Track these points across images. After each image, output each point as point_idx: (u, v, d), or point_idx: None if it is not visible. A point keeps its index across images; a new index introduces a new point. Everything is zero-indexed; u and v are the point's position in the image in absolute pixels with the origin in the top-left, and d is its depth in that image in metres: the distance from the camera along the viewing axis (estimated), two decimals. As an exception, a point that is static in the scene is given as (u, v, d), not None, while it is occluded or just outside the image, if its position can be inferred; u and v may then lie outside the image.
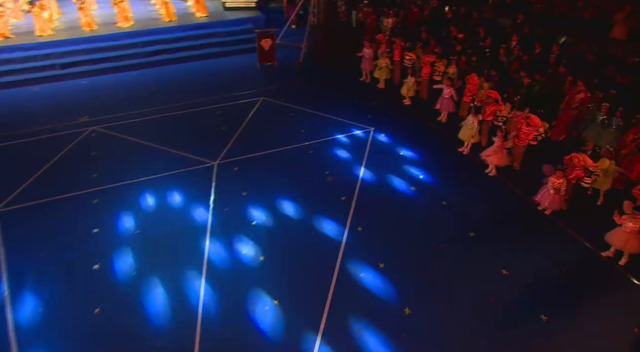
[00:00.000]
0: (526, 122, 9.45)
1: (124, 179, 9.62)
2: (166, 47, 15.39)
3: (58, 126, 11.73)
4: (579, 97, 10.22)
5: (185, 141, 11.00)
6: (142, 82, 14.20)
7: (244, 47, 16.09)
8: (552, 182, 8.34)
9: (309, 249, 7.88)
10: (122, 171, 9.88)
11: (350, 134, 11.41)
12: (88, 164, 10.20)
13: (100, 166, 10.09)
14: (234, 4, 17.38)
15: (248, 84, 14.04)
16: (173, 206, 8.92)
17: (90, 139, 11.21)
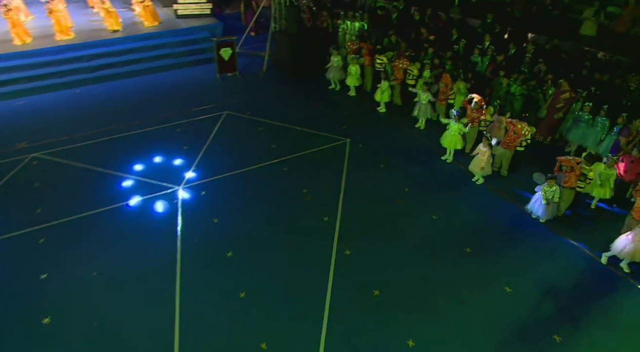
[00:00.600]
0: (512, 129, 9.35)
1: (73, 213, 8.73)
2: (113, 61, 14.48)
3: (-9, 155, 10.65)
4: (563, 97, 10.25)
5: (143, 164, 10.21)
6: (88, 100, 13.25)
7: (200, 58, 15.42)
8: (544, 192, 8.20)
9: (294, 280, 7.33)
10: (71, 203, 8.99)
11: (326, 146, 10.98)
12: (30, 197, 9.22)
13: (45, 199, 9.15)
14: (187, 11, 16.68)
15: (208, 97, 13.38)
16: (135, 240, 8.13)
17: (32, 168, 10.21)
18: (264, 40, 16.62)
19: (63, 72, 13.88)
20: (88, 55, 14.30)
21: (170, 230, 8.35)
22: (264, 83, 14.38)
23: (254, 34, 17.20)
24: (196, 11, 16.74)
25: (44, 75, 13.68)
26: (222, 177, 9.86)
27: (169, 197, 9.22)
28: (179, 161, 10.35)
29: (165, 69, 14.87)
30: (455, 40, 13.78)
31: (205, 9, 16.78)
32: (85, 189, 9.43)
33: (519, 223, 8.64)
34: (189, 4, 16.56)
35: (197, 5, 16.62)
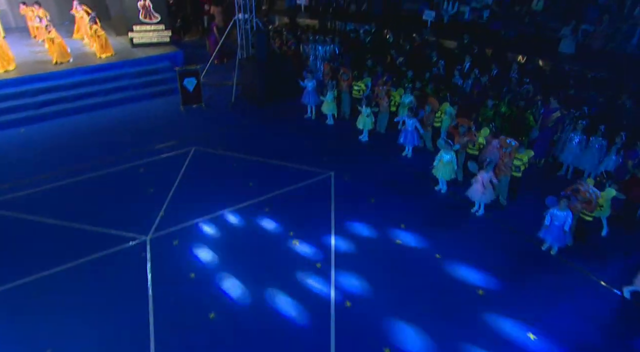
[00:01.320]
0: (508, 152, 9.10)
1: (20, 276, 7.68)
2: (62, 95, 13.51)
3: None
4: (554, 115, 10.15)
5: (104, 212, 9.27)
6: (34, 140, 12.19)
7: (161, 89, 14.69)
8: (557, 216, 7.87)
9: (290, 345, 6.56)
10: (17, 265, 7.93)
11: (308, 182, 10.39)
12: (-34, 260, 8.09)
13: (-15, 261, 8.05)
14: (144, 40, 15.97)
15: (173, 132, 12.60)
16: (97, 306, 7.17)
17: (-32, 224, 9.06)
18: (230, 68, 16.14)
19: (4, 109, 12.78)
20: (32, 89, 13.27)
21: (139, 290, 7.44)
22: (234, 114, 13.75)
23: (217, 62, 16.64)
24: (154, 39, 16.07)
25: (-19, 114, 12.56)
26: (195, 222, 9.05)
27: (136, 250, 8.31)
28: (144, 206, 9.47)
29: (122, 102, 14.02)
30: (433, 62, 13.69)
31: (164, 36, 16.14)
32: (33, 246, 8.39)
33: (529, 256, 8.24)
34: (146, 31, 15.88)
35: (155, 33, 15.97)
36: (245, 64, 14.32)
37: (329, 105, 12.82)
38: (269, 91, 13.92)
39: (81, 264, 7.98)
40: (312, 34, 15.88)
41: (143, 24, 15.71)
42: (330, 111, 12.91)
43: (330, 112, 12.93)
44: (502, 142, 9.39)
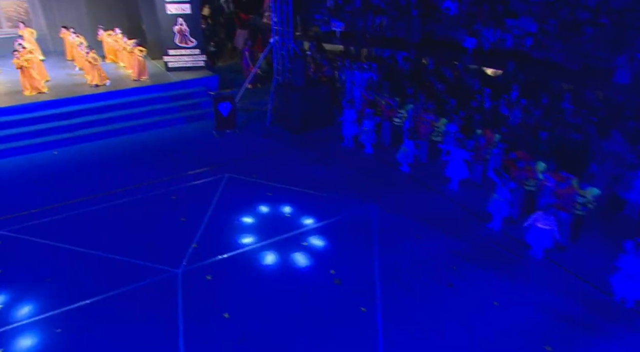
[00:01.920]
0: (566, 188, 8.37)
1: (44, 310, 7.21)
2: (96, 118, 13.34)
3: (-54, 233, 9.14)
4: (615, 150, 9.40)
5: (133, 242, 8.82)
6: (66, 163, 11.97)
7: (195, 114, 14.43)
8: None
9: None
10: (41, 296, 7.50)
11: (348, 214, 9.77)
12: (-9, 289, 7.69)
13: (8, 290, 7.62)
14: (179, 64, 15.85)
15: (207, 157, 12.22)
16: (125, 340, 6.62)
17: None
18: (264, 93, 15.86)
19: (38, 131, 12.65)
20: (67, 112, 13.14)
21: (169, 327, 6.88)
22: (268, 140, 13.33)
23: (250, 87, 16.38)
24: (189, 63, 15.94)
25: (16, 135, 12.41)
26: (230, 256, 8.50)
27: (167, 284, 7.78)
28: (176, 236, 8.99)
29: (156, 126, 13.79)
30: (477, 91, 13.10)
31: (199, 61, 15.99)
32: (59, 276, 7.96)
33: (600, 309, 7.38)
34: (181, 56, 15.77)
35: (190, 57, 15.84)
36: (280, 90, 13.98)
37: (368, 133, 12.29)
38: (305, 118, 13.49)
39: (109, 297, 7.49)
40: (349, 60, 15.50)
41: (178, 48, 15.62)
42: (370, 140, 12.37)
43: (369, 141, 12.39)
44: (557, 177, 8.68)
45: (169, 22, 15.23)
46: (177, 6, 15.07)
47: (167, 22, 15.24)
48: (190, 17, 15.33)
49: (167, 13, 15.06)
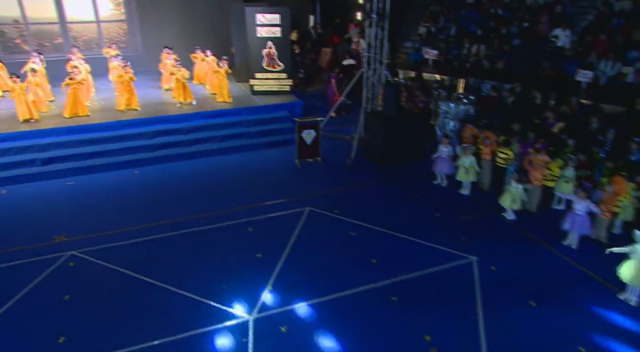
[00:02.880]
0: None
1: (106, 347, 6.54)
2: (179, 139, 13.16)
3: (24, 249, 8.97)
4: None
5: (203, 277, 8.09)
6: (145, 183, 11.71)
7: (277, 139, 13.86)
8: None
9: None
10: (105, 329, 6.88)
11: (443, 267, 8.45)
12: (55, 316, 7.22)
13: (73, 321, 7.10)
14: (265, 88, 15.49)
15: (287, 187, 11.46)
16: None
17: (66, 272, 8.34)
18: (348, 121, 15.05)
19: (122, 149, 12.61)
20: (151, 131, 13.05)
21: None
22: (353, 173, 12.35)
23: (335, 115, 15.62)
24: (274, 87, 15.54)
25: (100, 152, 12.44)
26: (308, 304, 7.47)
27: (236, 331, 6.89)
28: (250, 276, 8.14)
29: (237, 150, 13.35)
30: (598, 130, 11.34)
31: (285, 85, 15.55)
32: (124, 310, 7.34)
33: None
34: (267, 79, 15.40)
35: (276, 81, 15.45)
36: (369, 119, 13.04)
37: (465, 172, 10.94)
38: (394, 150, 12.41)
39: (168, 343, 6.68)
40: (445, 90, 14.31)
41: (266, 71, 15.29)
42: (467, 180, 11.00)
43: (467, 181, 11.02)
44: None
45: (258, 45, 14.98)
46: (268, 29, 14.78)
47: (257, 45, 14.99)
48: (280, 41, 14.98)
49: (257, 36, 14.82)
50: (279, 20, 14.72)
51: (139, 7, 18.19)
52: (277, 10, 14.75)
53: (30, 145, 12.13)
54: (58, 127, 12.60)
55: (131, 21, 18.48)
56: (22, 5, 16.95)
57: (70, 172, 11.96)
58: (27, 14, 17.13)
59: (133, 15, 18.34)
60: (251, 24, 14.68)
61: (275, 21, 14.73)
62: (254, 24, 14.68)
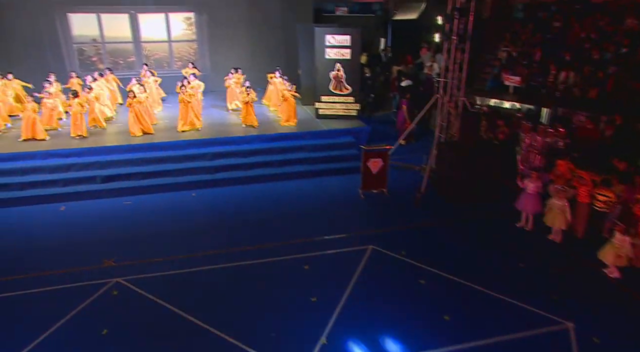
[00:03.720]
0: None
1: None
2: (239, 162, 12.65)
3: (73, 271, 8.60)
4: None
5: (249, 321, 7.23)
6: (200, 207, 11.21)
7: (340, 167, 12.98)
8: None
9: None
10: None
11: (533, 333, 7.05)
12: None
13: (107, 363, 6.46)
14: (330, 112, 14.76)
15: (348, 221, 10.51)
16: None
17: (108, 301, 7.82)
18: (417, 150, 13.93)
19: (182, 170, 12.25)
20: (211, 153, 12.62)
21: None
22: (422, 208, 11.18)
23: (404, 143, 14.55)
24: (340, 111, 14.77)
25: (160, 172, 12.14)
26: (367, 367, 6.39)
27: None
28: (302, 322, 7.20)
29: (297, 176, 12.61)
30: None
31: (352, 110, 14.74)
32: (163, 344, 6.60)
33: None
34: (334, 103, 14.67)
35: (343, 105, 14.68)
36: (443, 150, 11.86)
37: (556, 216, 9.45)
38: (470, 186, 11.12)
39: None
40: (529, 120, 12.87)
41: (332, 94, 14.58)
42: (558, 225, 9.50)
43: (558, 226, 9.52)
44: None
45: (326, 67, 14.33)
46: (337, 51, 14.12)
47: (325, 67, 14.35)
48: (349, 63, 14.25)
49: (326, 57, 14.19)
50: (349, 41, 14.02)
51: (209, 28, 18.28)
52: (347, 31, 14.07)
53: (93, 162, 12.06)
54: (120, 144, 12.50)
55: (201, 41, 18.59)
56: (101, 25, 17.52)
57: (129, 191, 11.71)
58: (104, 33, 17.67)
59: (203, 35, 18.44)
60: (320, 45, 14.09)
61: (345, 43, 14.04)
62: (323, 45, 14.07)
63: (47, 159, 12.06)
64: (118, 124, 14.44)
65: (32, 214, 10.94)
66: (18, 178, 11.64)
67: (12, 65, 16.23)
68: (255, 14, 18.29)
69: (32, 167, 11.83)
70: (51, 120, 13.49)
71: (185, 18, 18.37)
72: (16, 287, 8.13)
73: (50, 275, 8.49)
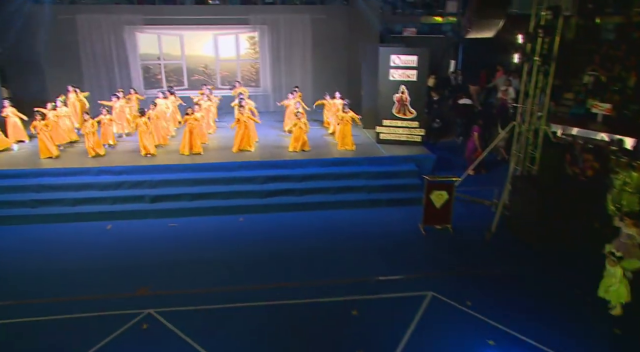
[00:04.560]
0: None
1: None
2: (291, 187, 11.92)
3: (106, 298, 8.13)
4: None
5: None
6: (246, 234, 10.54)
7: (400, 197, 11.89)
8: None
9: None
10: None
11: None
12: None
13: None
14: (392, 136, 13.75)
15: (406, 260, 9.39)
16: None
17: (137, 336, 7.22)
18: (489, 182, 12.55)
19: (231, 193, 11.71)
20: (263, 176, 11.99)
21: None
22: (492, 250, 9.82)
23: (473, 173, 13.19)
24: (403, 137, 13.70)
25: (209, 194, 11.66)
26: None
27: None
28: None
29: (351, 205, 11.66)
30: None
31: (416, 135, 13.63)
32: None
33: None
34: (396, 127, 13.65)
35: (406, 130, 13.61)
36: (519, 184, 10.46)
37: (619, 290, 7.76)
38: (552, 227, 9.62)
39: None
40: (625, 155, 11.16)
41: (395, 118, 13.57)
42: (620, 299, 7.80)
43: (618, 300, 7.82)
44: None
45: (390, 89, 13.38)
46: (403, 72, 13.14)
47: (388, 90, 13.40)
48: (415, 86, 13.20)
49: (390, 79, 13.24)
50: (416, 62, 13.01)
51: (271, 47, 18.00)
52: (414, 52, 13.09)
53: (143, 181, 11.79)
54: (170, 164, 12.20)
55: (263, 61, 18.33)
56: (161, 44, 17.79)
57: (176, 213, 11.28)
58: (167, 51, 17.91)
59: (265, 55, 18.18)
60: (384, 66, 13.19)
61: (411, 63, 13.05)
62: (388, 65, 13.15)
63: (100, 175, 11.94)
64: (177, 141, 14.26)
65: (80, 230, 10.76)
66: (72, 194, 11.58)
67: (83, 81, 16.85)
68: (320, 34, 17.81)
69: (85, 183, 11.74)
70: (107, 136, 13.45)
71: (249, 37, 18.21)
72: (45, 310, 7.76)
73: (81, 300, 8.08)
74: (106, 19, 16.97)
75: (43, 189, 11.62)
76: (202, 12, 17.69)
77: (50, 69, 16.95)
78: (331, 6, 18.39)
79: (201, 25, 17.58)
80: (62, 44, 16.86)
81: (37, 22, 16.49)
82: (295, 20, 17.79)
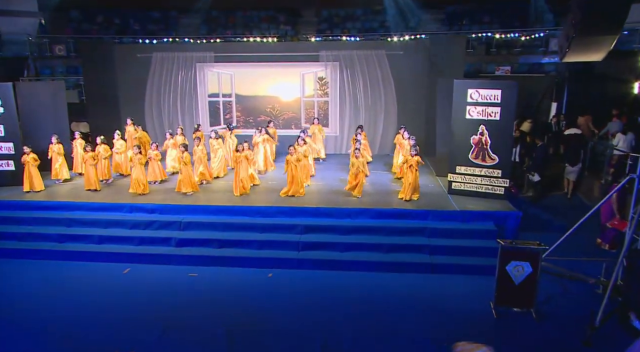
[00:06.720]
0: None
1: None
2: (333, 241, 9.91)
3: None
4: None
5: None
6: (270, 294, 8.67)
7: (470, 263, 9.32)
8: None
9: None
10: None
11: None
12: None
13: None
14: (467, 187, 11.26)
15: None
16: None
17: None
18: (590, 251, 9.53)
19: (263, 242, 10.00)
20: (303, 225, 10.16)
21: None
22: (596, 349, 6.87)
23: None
24: (481, 188, 11.15)
25: (238, 241, 10.07)
26: None
27: None
28: None
29: (407, 269, 9.31)
30: None
31: (497, 187, 11.00)
32: None
33: None
34: (473, 176, 11.18)
35: (486, 180, 11.06)
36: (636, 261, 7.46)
37: None
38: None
39: None
40: None
41: (472, 165, 11.12)
42: None
43: None
44: None
45: (466, 129, 11.05)
46: (482, 109, 10.79)
47: (464, 130, 11.08)
48: (498, 126, 10.73)
49: (466, 117, 10.95)
50: (500, 97, 10.60)
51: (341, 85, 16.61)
52: (498, 85, 10.74)
53: (173, 222, 10.56)
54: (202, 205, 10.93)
55: (333, 100, 16.93)
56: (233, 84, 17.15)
57: (199, 260, 9.78)
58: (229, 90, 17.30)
59: (334, 94, 16.82)
60: (460, 102, 10.97)
61: (493, 99, 10.67)
62: (464, 101, 10.91)
63: (132, 212, 10.97)
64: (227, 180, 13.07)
65: (98, 272, 9.64)
66: (100, 230, 10.70)
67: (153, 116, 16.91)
68: (399, 73, 16.11)
69: (116, 220, 10.82)
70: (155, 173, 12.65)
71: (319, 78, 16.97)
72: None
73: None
74: (179, 57, 16.92)
75: (74, 223, 10.90)
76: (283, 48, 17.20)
77: (126, 107, 17.09)
78: (409, 41, 16.67)
79: (272, 63, 16.79)
80: (137, 80, 17.03)
81: (118, 60, 16.87)
82: (371, 59, 16.30)
